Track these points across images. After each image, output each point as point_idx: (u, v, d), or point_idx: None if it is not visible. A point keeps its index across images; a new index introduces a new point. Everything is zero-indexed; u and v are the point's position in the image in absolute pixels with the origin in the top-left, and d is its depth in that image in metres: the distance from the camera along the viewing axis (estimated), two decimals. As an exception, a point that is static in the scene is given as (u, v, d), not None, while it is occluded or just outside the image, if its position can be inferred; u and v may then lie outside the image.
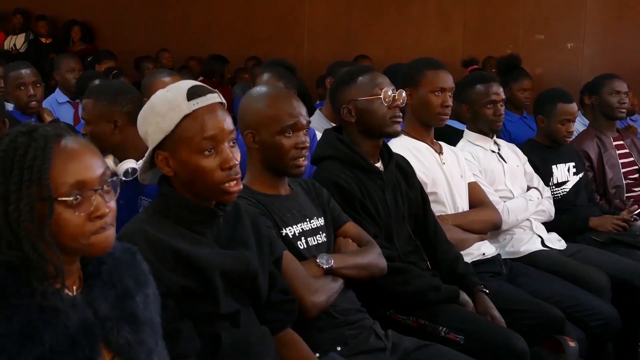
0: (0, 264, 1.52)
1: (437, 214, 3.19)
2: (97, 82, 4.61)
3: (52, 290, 1.52)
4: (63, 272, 1.53)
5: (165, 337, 1.79)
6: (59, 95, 5.64)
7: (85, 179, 1.54)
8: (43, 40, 10.50)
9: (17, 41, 10.62)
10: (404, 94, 2.93)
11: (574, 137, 4.36)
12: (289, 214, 2.49)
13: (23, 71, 4.57)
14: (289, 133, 2.45)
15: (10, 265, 1.52)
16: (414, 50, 7.13)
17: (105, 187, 1.58)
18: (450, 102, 3.36)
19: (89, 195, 1.54)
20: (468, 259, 3.22)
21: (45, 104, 5.06)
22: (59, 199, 1.51)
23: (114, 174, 2.78)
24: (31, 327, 1.48)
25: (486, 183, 3.65)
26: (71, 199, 1.52)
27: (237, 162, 1.99)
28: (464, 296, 2.88)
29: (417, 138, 3.39)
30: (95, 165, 1.57)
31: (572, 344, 2.86)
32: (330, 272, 2.45)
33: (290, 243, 2.44)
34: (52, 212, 1.50)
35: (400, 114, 2.94)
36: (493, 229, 3.54)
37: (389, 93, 2.88)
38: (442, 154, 3.42)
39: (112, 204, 1.60)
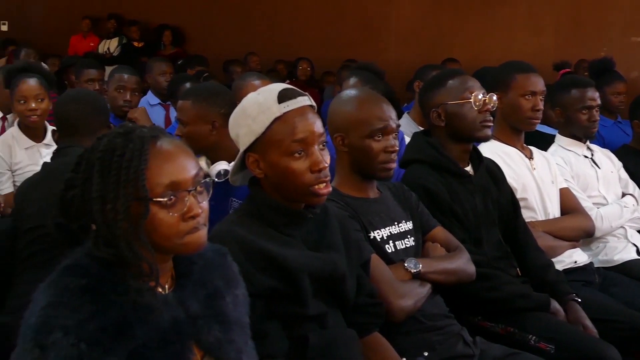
0: (98, 261, 1.56)
1: (527, 220, 3.13)
2: (187, 84, 4.70)
3: (146, 288, 1.56)
4: (157, 270, 1.56)
5: (254, 337, 1.81)
6: (150, 98, 5.75)
7: (179, 180, 1.57)
8: (135, 44, 10.78)
9: (111, 45, 10.93)
10: (494, 98, 2.88)
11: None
12: (377, 217, 2.48)
13: (126, 76, 4.70)
14: (379, 137, 2.44)
15: (107, 263, 1.56)
16: (503, 54, 6.99)
17: (198, 188, 1.60)
18: (541, 106, 3.30)
19: (183, 196, 1.57)
20: (559, 266, 3.15)
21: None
22: (154, 199, 1.54)
23: (207, 175, 2.83)
24: (125, 322, 1.52)
25: (578, 189, 3.57)
26: (165, 199, 1.55)
27: (326, 165, 2.00)
28: (555, 305, 2.81)
29: (507, 143, 3.34)
30: (189, 167, 1.60)
31: (668, 357, 2.76)
32: (418, 277, 2.43)
33: (378, 246, 2.43)
34: (147, 212, 1.53)
35: (491, 118, 2.89)
36: (585, 236, 3.46)
37: (480, 97, 2.84)
38: (532, 159, 3.37)
39: (205, 204, 1.62)
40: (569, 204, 3.41)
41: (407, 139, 3.50)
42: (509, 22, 8.35)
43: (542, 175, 3.35)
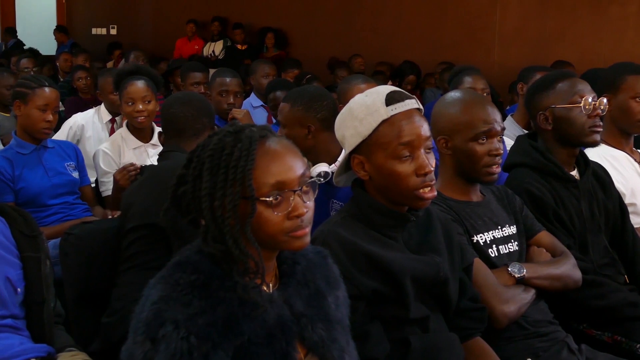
0: (208, 258, 1.61)
1: (636, 227, 3.03)
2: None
3: (252, 285, 1.60)
4: (263, 267, 1.60)
5: (355, 339, 1.82)
6: (253, 100, 5.85)
7: (285, 179, 1.60)
8: (239, 46, 10.93)
9: (216, 48, 11.14)
10: (605, 102, 2.81)
11: None
12: (480, 221, 2.46)
13: (228, 79, 4.76)
14: (483, 140, 2.42)
15: (215, 259, 1.60)
16: (612, 55, 6.79)
17: (304, 188, 1.63)
18: (653, 108, 3.19)
19: (288, 195, 1.60)
20: (670, 275, 3.04)
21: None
22: (260, 198, 1.57)
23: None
24: (232, 318, 1.55)
25: (691, 195, 3.43)
26: (271, 199, 1.58)
27: (432, 169, 2.00)
28: (665, 314, 2.72)
29: (615, 146, 3.25)
30: (296, 166, 1.63)
31: None
32: (522, 282, 2.40)
33: (481, 250, 2.41)
34: (254, 211, 1.57)
35: (600, 123, 2.82)
36: (698, 243, 3.32)
37: (590, 101, 2.77)
38: (642, 163, 3.27)
39: (310, 203, 1.65)
40: (680, 210, 3.29)
41: (509, 142, 3.46)
42: (619, 22, 8.06)
43: (653, 180, 3.25)
